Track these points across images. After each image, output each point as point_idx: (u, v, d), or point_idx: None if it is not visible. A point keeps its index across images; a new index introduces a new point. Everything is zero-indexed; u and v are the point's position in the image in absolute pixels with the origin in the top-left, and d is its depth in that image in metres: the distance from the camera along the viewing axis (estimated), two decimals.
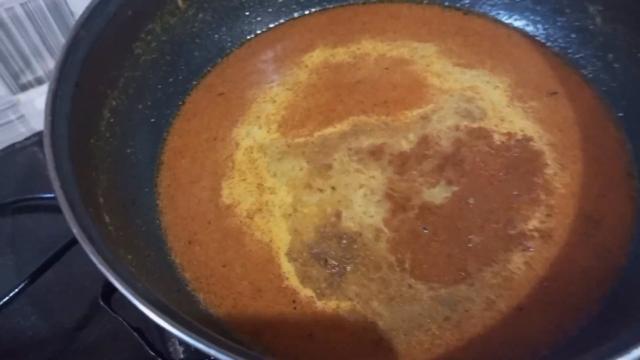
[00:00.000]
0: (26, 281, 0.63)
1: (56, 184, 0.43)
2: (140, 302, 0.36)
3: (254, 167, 0.60)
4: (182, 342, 0.55)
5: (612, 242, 0.53)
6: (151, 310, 0.35)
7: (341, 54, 0.71)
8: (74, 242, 0.65)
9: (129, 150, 0.59)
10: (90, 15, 0.56)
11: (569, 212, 0.55)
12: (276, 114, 0.65)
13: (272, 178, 0.59)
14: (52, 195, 0.73)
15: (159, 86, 0.65)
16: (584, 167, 0.58)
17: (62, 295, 0.69)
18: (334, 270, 0.52)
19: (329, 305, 0.51)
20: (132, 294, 0.36)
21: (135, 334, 0.43)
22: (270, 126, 0.64)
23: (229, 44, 0.73)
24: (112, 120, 0.57)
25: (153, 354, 0.43)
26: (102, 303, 0.44)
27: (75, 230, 0.40)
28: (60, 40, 0.77)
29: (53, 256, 0.65)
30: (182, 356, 0.49)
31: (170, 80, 0.67)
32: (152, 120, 0.63)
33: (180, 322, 0.36)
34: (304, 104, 0.66)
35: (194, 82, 0.69)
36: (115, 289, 0.38)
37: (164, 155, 0.63)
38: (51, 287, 0.68)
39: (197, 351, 0.50)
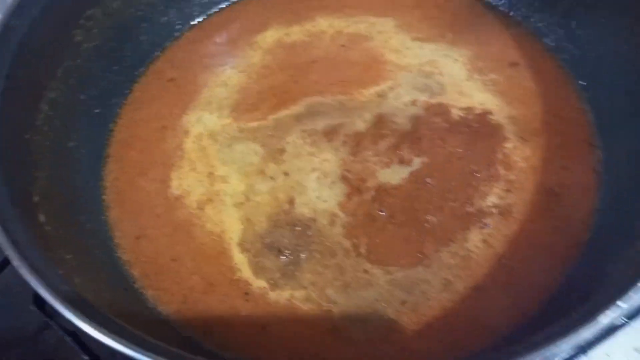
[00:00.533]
0: None
1: None
2: (65, 306, 0.34)
3: (204, 155, 0.58)
4: None
5: (574, 216, 0.52)
6: (75, 314, 0.33)
7: (296, 33, 0.68)
8: None
9: (71, 144, 0.56)
10: (22, 1, 0.53)
11: (529, 187, 0.53)
12: (228, 98, 0.63)
13: (223, 166, 0.57)
14: None
15: (104, 74, 0.62)
16: (545, 139, 0.56)
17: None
18: (287, 259, 0.50)
19: (282, 295, 0.49)
20: (55, 298, 0.34)
21: (68, 338, 0.41)
22: (222, 111, 0.62)
23: (179, 27, 0.69)
24: (50, 113, 0.54)
25: (87, 358, 0.41)
26: (33, 307, 0.42)
27: None
28: None
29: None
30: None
31: (116, 68, 0.64)
32: (97, 110, 0.61)
33: (108, 326, 0.34)
34: (257, 86, 0.63)
35: (142, 69, 0.66)
36: None
37: (110, 148, 0.60)
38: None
39: None
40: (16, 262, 0.36)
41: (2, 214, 0.40)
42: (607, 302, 0.36)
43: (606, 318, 0.35)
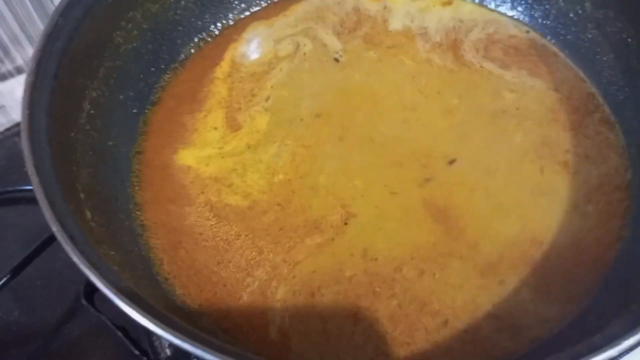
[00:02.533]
0: (8, 276, 0.62)
1: (35, 180, 0.42)
2: (125, 302, 0.35)
3: None
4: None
5: None
6: (136, 311, 0.34)
7: None
8: (55, 236, 0.64)
9: (110, 143, 0.57)
10: (69, 2, 0.54)
11: None
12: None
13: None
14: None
15: (141, 76, 0.64)
16: None
17: (45, 289, 0.67)
18: None
19: None
20: (115, 294, 0.35)
21: (120, 334, 0.43)
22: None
23: (213, 30, 0.71)
24: (92, 112, 0.55)
25: (138, 352, 0.42)
26: (85, 302, 0.44)
27: (56, 229, 0.39)
28: (39, 28, 0.75)
29: (35, 250, 0.64)
30: (168, 353, 0.48)
31: (152, 69, 0.65)
32: (134, 111, 0.62)
33: (168, 322, 0.35)
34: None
35: (177, 71, 0.67)
36: (96, 288, 0.37)
37: (145, 146, 0.61)
38: (34, 281, 0.67)
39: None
40: (75, 258, 0.37)
41: (58, 209, 0.41)
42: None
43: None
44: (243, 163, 0.59)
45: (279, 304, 0.50)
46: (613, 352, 0.35)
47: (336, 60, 0.67)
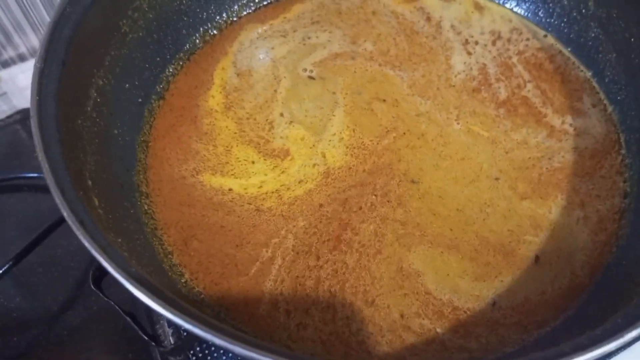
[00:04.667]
0: (10, 262, 0.62)
1: (45, 167, 0.42)
2: (137, 288, 0.35)
3: None
4: (171, 325, 0.55)
5: None
6: (149, 296, 0.35)
7: None
8: (58, 223, 0.64)
9: (116, 132, 0.57)
10: None
11: None
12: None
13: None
14: (35, 174, 0.73)
15: (146, 65, 0.64)
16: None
17: (47, 276, 0.68)
18: None
19: None
20: (128, 280, 0.36)
21: (129, 319, 0.43)
22: None
23: (218, 21, 0.71)
24: (99, 100, 0.56)
25: (146, 338, 0.43)
26: (94, 288, 0.44)
27: (66, 214, 0.39)
28: (43, 15, 0.74)
29: (37, 237, 0.64)
30: (171, 340, 0.49)
31: (158, 59, 0.65)
32: (139, 100, 0.62)
33: (179, 308, 0.35)
34: None
35: (182, 61, 0.68)
36: (105, 273, 0.37)
37: (150, 136, 0.62)
38: (35, 268, 0.67)
39: (188, 336, 0.50)
40: (86, 242, 0.37)
41: (67, 195, 0.41)
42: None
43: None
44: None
45: None
46: (614, 345, 0.36)
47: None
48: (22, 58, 0.78)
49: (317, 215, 0.54)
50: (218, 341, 0.33)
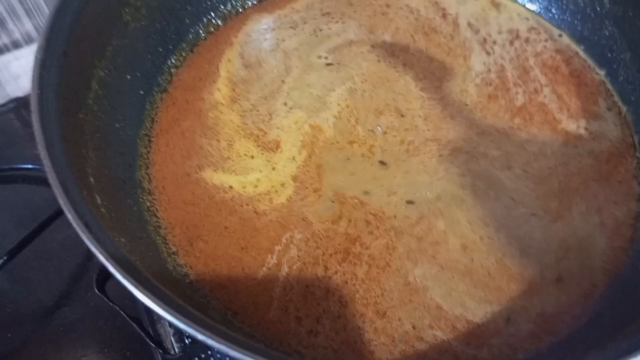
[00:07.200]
0: (5, 257, 0.61)
1: (48, 165, 0.40)
2: (151, 299, 0.34)
3: None
4: (171, 326, 0.53)
5: None
6: (164, 309, 0.33)
7: None
8: (54, 216, 0.62)
9: (117, 125, 0.56)
10: None
11: None
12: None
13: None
14: (30, 165, 0.71)
15: (148, 56, 0.62)
16: None
17: (42, 270, 0.66)
18: None
19: None
20: (138, 288, 0.34)
21: (135, 325, 0.41)
22: None
23: (223, 11, 0.69)
24: (100, 92, 0.54)
25: (153, 344, 0.41)
26: (98, 292, 0.42)
27: (71, 217, 0.37)
28: (39, 1, 0.71)
29: (33, 232, 0.62)
30: (175, 345, 0.47)
31: (160, 49, 0.63)
32: (141, 92, 0.60)
33: (197, 321, 0.34)
34: None
35: (185, 52, 0.65)
36: (109, 276, 0.36)
37: (153, 130, 0.60)
38: (30, 262, 0.66)
39: (193, 343, 0.49)
40: (93, 247, 0.36)
41: (71, 195, 0.40)
42: None
43: None
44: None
45: None
46: None
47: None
48: (16, 45, 0.75)
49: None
50: (233, 353, 0.32)
